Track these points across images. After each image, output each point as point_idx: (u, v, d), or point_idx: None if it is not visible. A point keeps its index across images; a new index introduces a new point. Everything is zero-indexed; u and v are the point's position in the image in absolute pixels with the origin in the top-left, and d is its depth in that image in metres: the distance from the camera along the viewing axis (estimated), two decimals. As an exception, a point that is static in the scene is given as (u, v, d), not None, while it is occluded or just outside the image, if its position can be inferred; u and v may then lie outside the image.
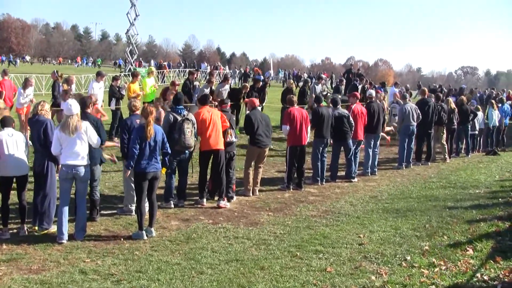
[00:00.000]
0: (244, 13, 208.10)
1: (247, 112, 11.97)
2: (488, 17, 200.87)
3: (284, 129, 12.04)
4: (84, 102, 9.04)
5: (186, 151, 10.12)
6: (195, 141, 10.15)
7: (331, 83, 45.91)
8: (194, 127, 10.05)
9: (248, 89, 19.03)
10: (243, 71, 46.52)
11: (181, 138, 9.77)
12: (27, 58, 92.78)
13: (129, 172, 8.60)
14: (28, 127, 10.33)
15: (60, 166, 8.23)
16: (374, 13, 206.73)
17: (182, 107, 10.21)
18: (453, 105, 17.35)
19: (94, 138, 8.27)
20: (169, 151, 8.81)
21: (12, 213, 8.48)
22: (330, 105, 13.78)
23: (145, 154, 8.27)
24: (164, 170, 8.83)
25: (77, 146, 8.02)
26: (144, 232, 8.25)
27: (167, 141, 8.78)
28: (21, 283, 6.31)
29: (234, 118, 11.51)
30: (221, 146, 10.40)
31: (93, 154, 8.62)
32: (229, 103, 11.64)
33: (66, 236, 7.90)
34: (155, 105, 10.57)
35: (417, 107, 15.50)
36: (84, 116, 8.69)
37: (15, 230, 8.34)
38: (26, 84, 15.63)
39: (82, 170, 8.09)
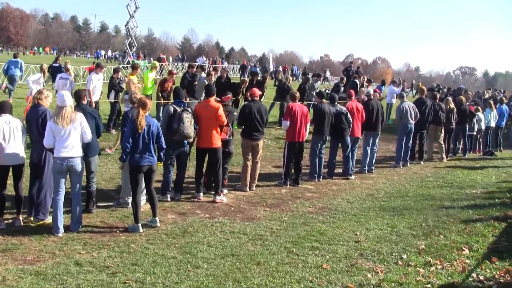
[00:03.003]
0: (243, 7, 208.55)
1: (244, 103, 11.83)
2: (488, 18, 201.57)
3: (284, 124, 11.94)
4: (79, 94, 9.01)
5: (186, 144, 10.04)
6: (194, 132, 10.06)
7: (292, 75, 48.70)
8: (193, 119, 10.00)
9: (247, 84, 19.01)
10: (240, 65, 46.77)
11: (180, 127, 9.66)
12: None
13: (122, 165, 8.42)
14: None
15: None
16: (374, 11, 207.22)
17: (182, 100, 10.16)
18: (452, 105, 17.33)
19: (88, 132, 8.11)
20: (164, 146, 8.61)
21: (8, 203, 8.43)
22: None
23: (138, 147, 8.13)
24: (160, 164, 8.71)
25: (71, 138, 7.84)
26: (139, 225, 8.19)
27: (166, 133, 8.70)
28: (16, 273, 6.28)
29: (236, 113, 11.28)
30: (216, 144, 10.25)
31: (91, 145, 8.53)
32: (230, 95, 11.47)
33: (61, 230, 7.83)
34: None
35: (414, 105, 15.49)
36: (80, 108, 8.62)
37: (10, 221, 8.28)
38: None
39: (76, 162, 7.92)
